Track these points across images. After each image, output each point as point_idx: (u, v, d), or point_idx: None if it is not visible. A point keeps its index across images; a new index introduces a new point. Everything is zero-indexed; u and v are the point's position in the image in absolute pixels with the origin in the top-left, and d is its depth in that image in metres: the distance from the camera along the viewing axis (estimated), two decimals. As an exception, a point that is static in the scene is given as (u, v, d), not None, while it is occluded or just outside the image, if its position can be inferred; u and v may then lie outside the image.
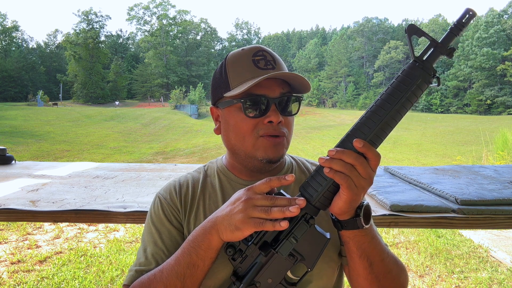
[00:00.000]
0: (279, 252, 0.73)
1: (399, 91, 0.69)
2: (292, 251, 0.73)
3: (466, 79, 56.07)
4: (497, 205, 1.45)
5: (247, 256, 0.75)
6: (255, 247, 0.74)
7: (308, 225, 0.73)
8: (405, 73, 0.70)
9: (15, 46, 75.68)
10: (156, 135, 22.98)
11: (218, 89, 0.97)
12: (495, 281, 3.50)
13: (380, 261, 0.83)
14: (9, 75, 64.68)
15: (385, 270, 0.84)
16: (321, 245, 0.74)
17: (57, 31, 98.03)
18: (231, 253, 0.76)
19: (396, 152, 15.70)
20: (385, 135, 0.72)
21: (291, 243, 0.72)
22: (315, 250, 0.74)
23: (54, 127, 23.47)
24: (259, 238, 0.74)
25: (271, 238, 0.74)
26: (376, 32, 74.17)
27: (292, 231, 0.73)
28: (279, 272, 0.74)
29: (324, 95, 74.01)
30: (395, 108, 0.69)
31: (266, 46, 0.97)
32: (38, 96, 50.06)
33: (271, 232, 0.74)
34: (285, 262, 0.73)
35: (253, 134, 0.91)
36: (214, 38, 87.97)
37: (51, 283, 3.35)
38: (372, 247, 0.81)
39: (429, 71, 0.69)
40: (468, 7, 0.68)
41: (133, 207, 1.49)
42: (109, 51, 74.75)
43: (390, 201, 1.49)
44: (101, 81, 64.40)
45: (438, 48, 0.70)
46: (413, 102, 0.70)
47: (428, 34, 0.70)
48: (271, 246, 0.74)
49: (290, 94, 0.93)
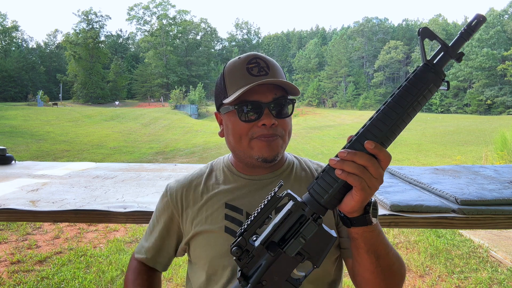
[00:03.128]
0: (287, 251, 0.73)
1: (411, 94, 0.70)
2: (300, 250, 0.73)
3: (466, 79, 56.06)
4: (497, 205, 1.45)
5: (254, 256, 0.76)
6: (262, 247, 0.75)
7: (317, 225, 0.73)
8: (418, 76, 0.70)
9: (15, 46, 75.66)
10: (156, 135, 22.97)
11: (219, 96, 1.06)
12: (495, 281, 3.50)
13: (386, 254, 0.86)
14: (9, 75, 64.65)
15: (390, 263, 0.87)
16: (328, 243, 0.74)
17: (57, 31, 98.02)
18: (238, 254, 0.76)
19: (396, 152, 15.70)
20: (395, 137, 0.72)
21: (299, 243, 0.73)
22: (322, 248, 0.74)
23: (54, 127, 23.47)
24: (266, 238, 0.75)
25: (278, 238, 0.75)
26: (376, 32, 74.17)
27: (300, 231, 0.73)
28: (286, 270, 0.75)
29: (324, 95, 74.03)
30: (407, 111, 0.70)
31: (262, 53, 1.04)
32: (38, 96, 50.02)
33: (278, 232, 0.74)
34: (292, 260, 0.74)
35: (248, 136, 0.99)
36: (214, 38, 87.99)
37: (51, 283, 3.35)
38: (379, 241, 0.84)
39: (440, 75, 0.70)
40: (479, 13, 0.69)
41: (133, 207, 1.49)
42: (109, 51, 74.72)
43: (390, 201, 1.49)
44: (101, 81, 64.38)
45: (449, 52, 0.70)
46: (423, 105, 0.71)
47: (440, 38, 0.70)
48: (278, 246, 0.74)
49: (283, 98, 0.99)
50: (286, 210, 0.75)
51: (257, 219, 0.75)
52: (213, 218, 1.04)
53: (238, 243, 0.76)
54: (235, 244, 0.76)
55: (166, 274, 3.60)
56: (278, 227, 0.74)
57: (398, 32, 74.36)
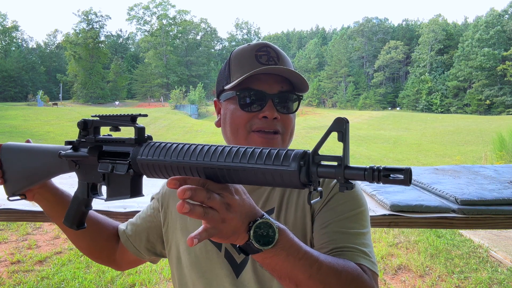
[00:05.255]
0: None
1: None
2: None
3: (466, 79, 56.07)
4: (497, 205, 1.45)
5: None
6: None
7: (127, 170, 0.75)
8: (284, 156, 0.57)
9: (15, 46, 75.67)
10: (156, 135, 22.87)
11: (221, 82, 0.99)
12: (495, 281, 3.50)
13: (307, 278, 0.70)
14: (9, 75, 64.66)
15: (320, 286, 0.71)
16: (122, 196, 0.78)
17: (57, 31, 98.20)
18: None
19: (396, 152, 15.70)
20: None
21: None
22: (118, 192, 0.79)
23: (54, 127, 23.46)
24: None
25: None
26: (376, 32, 74.14)
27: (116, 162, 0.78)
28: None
29: (324, 95, 74.01)
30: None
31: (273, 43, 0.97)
32: (38, 96, 50.03)
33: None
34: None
35: (246, 127, 0.91)
36: (214, 38, 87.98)
37: (51, 283, 3.35)
38: (289, 266, 0.68)
39: (308, 176, 0.56)
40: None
41: (133, 207, 1.49)
42: (109, 51, 74.75)
43: (390, 201, 1.49)
44: (101, 81, 64.40)
45: (338, 169, 0.54)
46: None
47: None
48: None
49: (289, 93, 0.93)
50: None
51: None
52: (196, 220, 0.93)
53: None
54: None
55: (166, 274, 3.60)
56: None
57: (398, 32, 74.36)
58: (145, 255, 1.09)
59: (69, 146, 0.83)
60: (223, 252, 0.95)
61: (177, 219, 1.03)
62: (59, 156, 0.82)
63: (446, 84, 58.00)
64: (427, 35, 63.27)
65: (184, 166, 0.64)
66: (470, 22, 68.88)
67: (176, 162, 0.64)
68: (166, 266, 3.69)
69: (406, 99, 61.09)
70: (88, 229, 0.95)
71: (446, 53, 63.10)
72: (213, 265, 0.95)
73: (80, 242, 1.07)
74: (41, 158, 0.91)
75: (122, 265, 1.14)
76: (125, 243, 1.08)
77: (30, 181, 0.95)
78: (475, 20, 63.34)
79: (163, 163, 0.66)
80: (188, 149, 0.64)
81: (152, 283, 3.46)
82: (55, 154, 0.84)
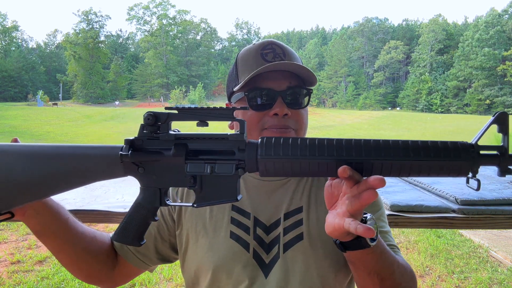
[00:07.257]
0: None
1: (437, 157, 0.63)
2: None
3: (466, 79, 56.07)
4: (497, 205, 1.45)
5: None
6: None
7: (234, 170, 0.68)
8: (454, 149, 0.63)
9: (15, 46, 75.69)
10: (156, 135, 22.92)
11: (230, 84, 0.98)
12: (495, 281, 3.50)
13: (390, 274, 0.77)
14: (9, 75, 64.70)
15: (396, 283, 0.79)
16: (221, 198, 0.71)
17: (56, 31, 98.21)
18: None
19: (396, 152, 15.69)
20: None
21: (204, 168, 0.70)
22: (214, 195, 0.71)
23: (54, 127, 23.47)
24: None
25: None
26: (376, 32, 74.15)
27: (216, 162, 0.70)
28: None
29: (324, 95, 74.04)
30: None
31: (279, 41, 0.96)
32: (38, 96, 50.06)
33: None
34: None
35: (258, 127, 0.90)
36: (214, 38, 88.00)
37: (51, 283, 3.35)
38: (381, 263, 0.74)
39: (476, 166, 0.63)
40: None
41: (133, 207, 1.49)
42: (109, 51, 74.76)
43: (390, 201, 1.49)
44: (101, 81, 64.47)
45: (502, 158, 0.63)
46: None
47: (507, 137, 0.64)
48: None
49: (298, 88, 0.91)
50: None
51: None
52: (217, 220, 0.94)
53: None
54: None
55: (166, 274, 3.60)
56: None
57: (398, 32, 74.35)
58: (150, 264, 1.01)
59: (118, 145, 0.70)
60: (251, 253, 0.91)
61: (198, 221, 0.96)
62: (121, 159, 0.68)
63: (446, 84, 57.98)
64: (427, 35, 63.27)
65: (320, 162, 0.63)
66: (470, 22, 68.87)
67: (308, 158, 0.63)
68: (166, 266, 3.69)
69: (406, 99, 61.10)
70: (89, 247, 0.87)
71: (446, 53, 63.11)
72: (240, 266, 0.91)
73: (80, 264, 0.90)
74: (65, 163, 0.70)
75: (118, 281, 1.01)
76: (126, 255, 0.97)
77: (31, 195, 0.72)
78: (475, 20, 63.32)
79: (298, 160, 0.63)
80: (320, 143, 0.64)
81: (152, 283, 3.46)
82: (104, 156, 0.69)
